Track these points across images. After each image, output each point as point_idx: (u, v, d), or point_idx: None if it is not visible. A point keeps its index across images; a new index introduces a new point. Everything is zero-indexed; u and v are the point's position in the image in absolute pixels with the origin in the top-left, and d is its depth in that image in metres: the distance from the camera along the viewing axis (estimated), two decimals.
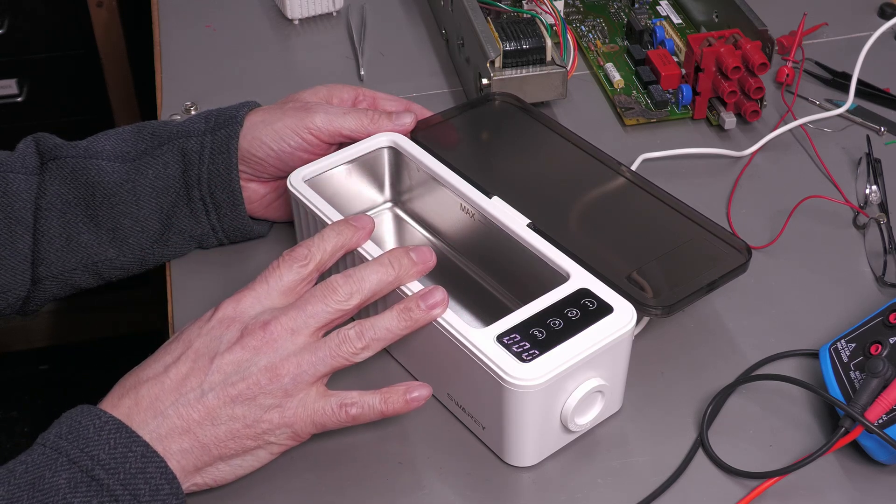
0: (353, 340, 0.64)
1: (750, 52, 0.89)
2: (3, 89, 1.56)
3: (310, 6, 1.06)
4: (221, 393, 0.61)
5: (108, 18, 1.52)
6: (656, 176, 0.80)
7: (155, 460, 0.59)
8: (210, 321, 0.64)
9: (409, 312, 0.65)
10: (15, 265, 0.75)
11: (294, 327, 0.63)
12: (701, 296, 0.70)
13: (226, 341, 0.63)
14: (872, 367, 0.65)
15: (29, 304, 0.78)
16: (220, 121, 0.78)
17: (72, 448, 0.59)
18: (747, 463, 0.66)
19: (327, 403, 0.63)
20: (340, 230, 0.68)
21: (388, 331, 0.64)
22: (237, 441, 0.62)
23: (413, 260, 0.67)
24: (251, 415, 0.62)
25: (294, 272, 0.66)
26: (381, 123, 0.79)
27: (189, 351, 0.63)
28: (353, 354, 0.64)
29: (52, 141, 0.78)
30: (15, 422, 1.74)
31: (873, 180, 0.84)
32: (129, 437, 0.59)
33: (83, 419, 0.60)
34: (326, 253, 0.67)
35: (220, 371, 0.62)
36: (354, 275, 0.65)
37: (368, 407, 0.64)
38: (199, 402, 0.61)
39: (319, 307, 0.64)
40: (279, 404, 0.62)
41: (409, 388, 0.64)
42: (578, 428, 0.66)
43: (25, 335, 1.81)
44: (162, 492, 0.59)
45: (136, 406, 0.61)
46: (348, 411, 0.63)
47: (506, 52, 0.89)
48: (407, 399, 0.64)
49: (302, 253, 0.66)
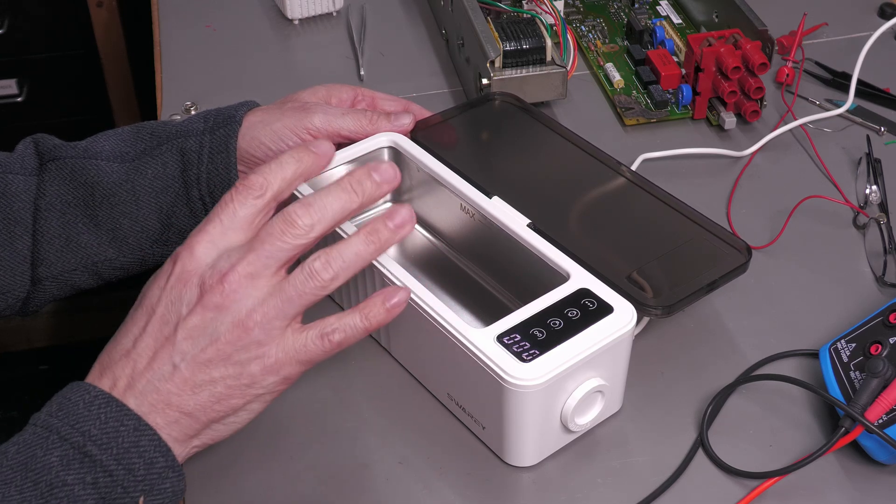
0: (320, 272, 0.60)
1: (750, 52, 0.89)
2: (3, 89, 1.56)
3: (310, 6, 1.06)
4: (193, 361, 0.59)
5: (108, 18, 1.52)
6: (656, 176, 0.80)
7: (147, 433, 0.58)
8: (169, 279, 0.61)
9: (376, 234, 0.62)
10: (14, 266, 0.75)
11: (252, 272, 0.59)
12: (701, 296, 0.70)
13: (186, 303, 0.60)
14: (872, 367, 0.65)
15: (29, 305, 0.78)
16: (218, 120, 0.78)
17: (62, 425, 0.57)
18: (747, 463, 0.66)
19: (307, 338, 0.60)
20: (300, 157, 0.64)
21: (357, 255, 0.61)
22: (223, 403, 0.60)
23: (376, 181, 0.63)
24: (230, 374, 0.59)
25: (249, 205, 0.61)
26: (380, 124, 0.78)
27: (153, 319, 0.60)
28: (322, 287, 0.60)
29: (51, 142, 0.78)
30: (15, 422, 1.74)
31: (873, 180, 0.84)
32: (120, 410, 0.58)
33: (73, 395, 0.59)
34: (285, 181, 0.63)
35: (187, 338, 0.59)
36: (315, 203, 0.61)
37: (351, 328, 0.61)
38: (174, 375, 0.59)
39: (277, 244, 0.60)
40: (256, 356, 0.60)
41: (385, 295, 0.61)
42: (578, 428, 0.66)
43: (25, 335, 1.81)
44: (157, 465, 0.58)
45: (114, 386, 0.59)
46: (331, 339, 0.60)
47: (506, 52, 0.89)
48: (388, 307, 0.61)
49: (257, 182, 0.62)
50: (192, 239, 0.62)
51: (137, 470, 0.58)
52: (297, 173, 0.64)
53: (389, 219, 0.62)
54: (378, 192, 0.63)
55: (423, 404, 0.70)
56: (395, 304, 0.61)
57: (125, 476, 0.57)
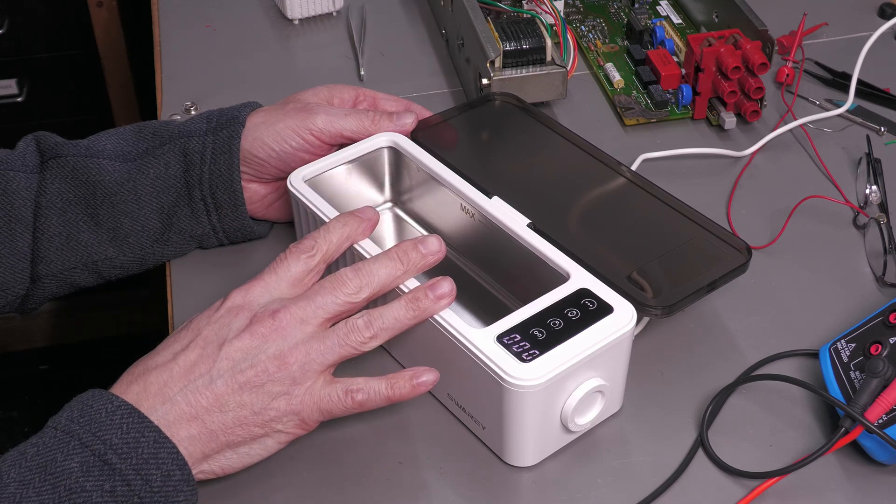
0: (362, 330, 0.64)
1: (750, 52, 0.89)
2: (3, 89, 1.56)
3: (310, 6, 1.06)
4: (230, 380, 0.61)
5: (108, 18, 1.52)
6: (656, 176, 0.80)
7: (167, 446, 0.59)
8: (219, 310, 0.64)
9: (417, 302, 0.65)
10: (14, 263, 0.75)
11: (303, 317, 0.63)
12: (701, 296, 0.70)
13: (235, 329, 0.63)
14: (872, 367, 0.65)
15: (28, 303, 0.78)
16: (221, 121, 0.78)
17: (84, 432, 0.59)
18: (747, 463, 0.66)
19: (333, 390, 0.63)
20: (346, 221, 0.69)
21: (396, 320, 0.65)
22: (245, 428, 0.62)
23: (422, 253, 0.67)
24: (259, 402, 0.62)
25: (302, 263, 0.66)
26: (382, 124, 0.79)
27: (198, 339, 0.63)
28: (362, 343, 0.64)
29: (52, 139, 0.78)
30: (15, 422, 1.74)
31: (873, 180, 0.84)
32: (142, 422, 0.59)
33: (95, 403, 0.60)
34: (332, 244, 0.68)
35: (228, 358, 0.62)
36: (364, 268, 0.66)
37: (374, 392, 0.64)
38: (208, 389, 0.61)
39: (329, 298, 0.64)
40: (286, 392, 0.62)
41: (415, 373, 0.64)
42: (578, 428, 0.66)
43: (25, 335, 1.81)
44: (173, 478, 0.59)
45: (144, 392, 0.61)
46: (354, 397, 0.63)
47: (506, 52, 0.89)
48: (414, 384, 0.64)
49: (309, 244, 0.67)
50: (248, 283, 0.66)
51: (154, 481, 0.59)
52: (344, 237, 0.68)
53: (431, 290, 0.65)
54: (423, 262, 0.67)
55: (423, 404, 0.70)
56: (422, 384, 0.64)
57: (142, 487, 0.58)
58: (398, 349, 0.72)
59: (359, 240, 0.69)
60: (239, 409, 0.62)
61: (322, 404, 0.63)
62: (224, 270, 0.80)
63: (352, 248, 0.69)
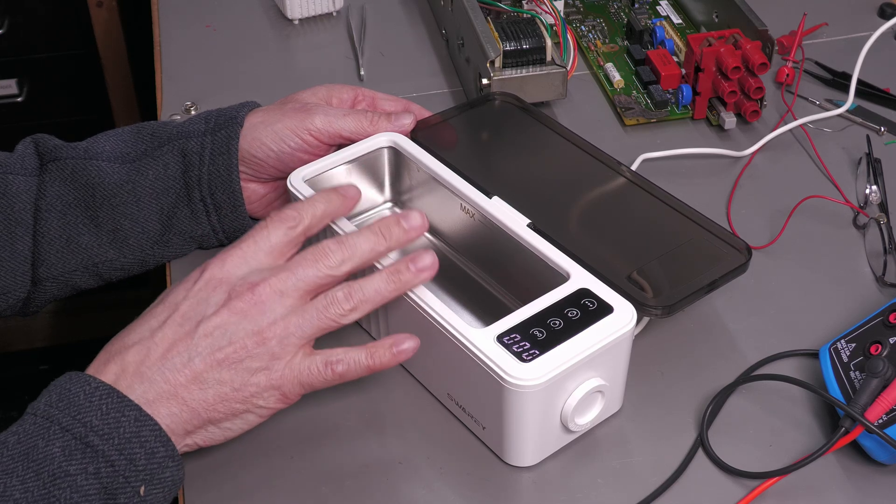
0: (342, 302, 0.63)
1: (750, 52, 0.89)
2: (3, 89, 1.56)
3: (310, 6, 1.06)
4: (208, 357, 0.61)
5: (108, 18, 1.52)
6: (656, 176, 0.80)
7: (149, 424, 0.59)
8: (196, 283, 0.64)
9: (398, 274, 0.65)
10: (15, 266, 0.75)
11: (283, 289, 0.63)
12: (701, 296, 0.70)
13: (212, 304, 0.62)
14: (872, 367, 0.65)
15: (29, 306, 0.78)
16: (220, 122, 0.78)
17: (63, 416, 0.58)
18: (747, 463, 0.66)
19: (313, 362, 0.63)
20: (329, 198, 0.68)
21: (376, 292, 0.64)
22: (225, 404, 0.62)
23: (404, 228, 0.67)
24: (238, 378, 0.62)
25: (282, 233, 0.65)
26: (381, 124, 0.79)
27: (175, 314, 0.62)
28: (342, 316, 0.63)
29: (51, 142, 0.78)
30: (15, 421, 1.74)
31: (873, 180, 0.84)
32: (121, 401, 0.59)
33: (72, 386, 0.60)
34: (315, 218, 0.67)
35: (206, 335, 0.61)
36: (347, 241, 0.65)
37: (354, 363, 0.63)
38: (186, 367, 0.61)
39: (310, 271, 0.63)
40: (266, 367, 0.62)
41: (395, 340, 0.64)
42: (578, 428, 0.66)
43: (25, 335, 1.81)
44: (157, 454, 0.59)
45: (122, 372, 0.61)
46: (334, 369, 0.63)
47: (506, 52, 0.89)
48: (394, 352, 0.64)
49: (291, 214, 0.66)
50: (224, 253, 0.65)
51: (138, 460, 0.59)
52: (327, 212, 0.68)
53: (412, 262, 0.65)
54: (405, 237, 0.67)
55: (423, 404, 0.70)
56: (402, 351, 0.64)
57: (126, 466, 0.58)
58: None
59: (340, 216, 0.69)
60: (218, 386, 0.61)
61: (302, 377, 0.63)
62: None
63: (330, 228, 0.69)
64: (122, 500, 0.58)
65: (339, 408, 0.70)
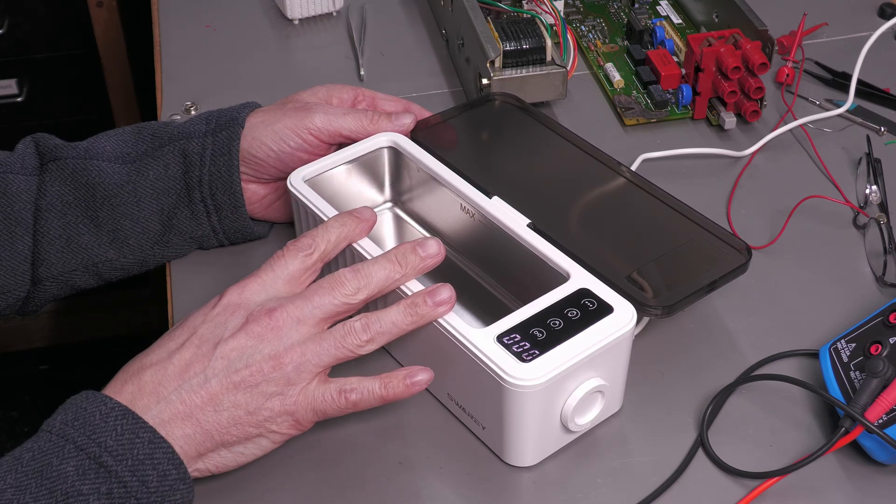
0: (359, 333, 0.63)
1: (750, 52, 0.89)
2: (3, 89, 1.56)
3: (310, 6, 1.06)
4: (225, 379, 0.61)
5: (108, 18, 1.52)
6: (656, 176, 0.80)
7: (162, 446, 0.59)
8: (215, 308, 0.64)
9: (415, 308, 0.65)
10: (15, 266, 0.75)
11: (300, 316, 0.63)
12: (701, 296, 0.70)
13: (230, 327, 0.63)
14: (872, 367, 0.65)
15: (29, 305, 0.78)
16: (220, 122, 0.78)
17: (78, 435, 0.59)
18: (747, 463, 0.66)
19: (327, 390, 0.63)
20: (344, 221, 0.69)
21: (393, 325, 0.64)
22: (239, 428, 0.62)
23: (420, 256, 0.67)
24: (253, 402, 0.62)
25: (299, 261, 0.66)
26: (381, 124, 0.79)
27: (193, 337, 0.63)
28: (358, 347, 0.64)
29: (51, 142, 0.78)
30: (15, 422, 1.74)
31: (873, 180, 0.84)
32: (136, 423, 0.59)
33: (88, 405, 0.60)
34: (330, 244, 0.67)
35: (223, 357, 0.62)
36: (362, 270, 0.65)
37: (368, 392, 0.64)
38: (203, 388, 0.61)
39: (326, 299, 0.64)
40: (281, 392, 0.62)
41: (409, 372, 0.64)
42: (578, 428, 0.66)
43: (25, 335, 1.81)
44: (169, 477, 0.59)
45: (139, 391, 0.61)
46: (348, 397, 0.63)
47: (506, 52, 0.89)
48: (408, 384, 0.64)
49: (307, 242, 0.67)
50: (244, 280, 0.65)
51: (151, 482, 0.59)
52: (342, 237, 0.68)
53: (430, 296, 0.65)
54: (422, 265, 0.67)
55: (423, 404, 0.70)
56: (415, 383, 0.64)
57: (139, 488, 0.58)
58: (398, 349, 0.72)
59: (356, 240, 0.69)
60: (233, 409, 0.62)
61: (316, 405, 0.63)
62: (224, 271, 0.80)
63: (351, 248, 0.69)
64: None
65: None
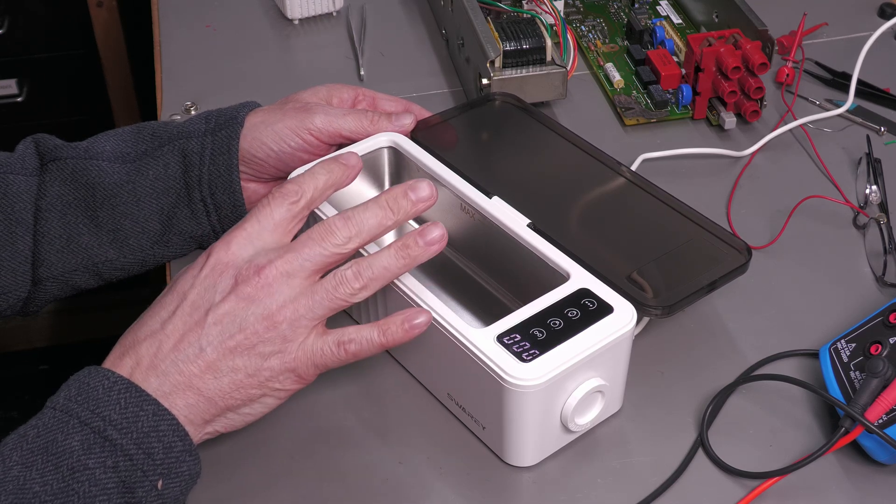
0: (351, 281, 0.63)
1: (750, 52, 0.89)
2: (3, 89, 1.56)
3: (310, 6, 1.06)
4: (220, 346, 0.61)
5: (108, 18, 1.52)
6: (656, 176, 0.80)
7: (167, 418, 0.59)
8: (202, 269, 0.63)
9: (406, 249, 0.64)
10: (15, 266, 0.75)
11: (289, 270, 0.62)
12: (701, 296, 0.70)
13: (220, 291, 0.62)
14: (872, 367, 0.65)
15: (29, 305, 0.78)
16: (220, 122, 0.78)
17: (82, 410, 0.59)
18: (747, 463, 0.66)
19: (325, 343, 0.63)
20: (330, 168, 0.67)
21: (386, 269, 0.63)
22: (241, 391, 0.62)
23: (412, 200, 0.66)
24: (252, 364, 0.61)
25: (285, 209, 0.64)
26: (381, 124, 0.79)
27: (184, 304, 0.62)
28: (351, 295, 0.63)
29: (51, 142, 0.78)
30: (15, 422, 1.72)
31: (873, 180, 0.84)
32: (139, 395, 0.59)
33: (91, 380, 0.60)
34: (318, 190, 0.66)
35: (216, 323, 0.61)
36: (353, 217, 0.64)
37: (367, 341, 0.63)
38: (199, 358, 0.61)
39: (316, 250, 0.63)
40: (279, 350, 0.62)
41: (407, 316, 0.63)
42: (578, 428, 0.66)
43: (25, 335, 1.81)
44: (175, 448, 0.59)
45: (137, 366, 0.61)
46: (347, 348, 0.63)
47: (506, 52, 0.89)
48: (406, 328, 0.63)
49: (293, 189, 0.65)
50: (229, 235, 0.64)
51: (156, 454, 0.59)
52: (329, 183, 0.66)
53: (421, 236, 0.64)
54: (414, 209, 0.65)
55: (423, 404, 0.70)
56: (415, 326, 0.63)
57: (145, 460, 0.58)
58: (399, 350, 0.72)
59: (342, 186, 0.68)
60: (233, 374, 0.61)
61: (316, 358, 0.63)
62: None
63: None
64: (140, 494, 0.58)
65: (340, 408, 0.70)
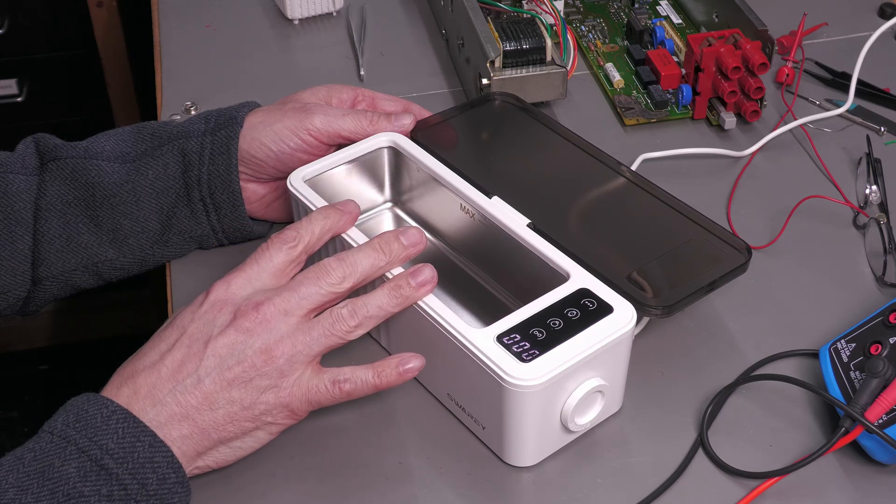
0: (346, 319, 0.64)
1: (750, 52, 0.89)
2: (3, 89, 1.56)
3: (310, 6, 1.06)
4: (218, 378, 0.62)
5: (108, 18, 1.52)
6: (656, 176, 0.80)
7: (162, 450, 0.60)
8: (202, 305, 0.64)
9: (399, 290, 0.66)
10: (15, 266, 0.75)
11: (287, 308, 0.63)
12: (701, 296, 0.70)
13: (219, 325, 0.63)
14: (872, 367, 0.65)
15: (29, 305, 0.78)
16: (219, 122, 0.78)
17: (80, 437, 0.59)
18: (747, 463, 0.66)
19: (321, 381, 0.64)
20: (327, 214, 0.69)
21: (379, 308, 0.65)
22: (236, 424, 0.63)
23: (403, 245, 0.68)
24: (248, 397, 0.62)
25: (284, 253, 0.66)
26: (380, 124, 0.79)
27: (183, 337, 0.63)
28: (347, 333, 0.64)
29: (52, 141, 0.78)
30: (15, 422, 1.74)
31: (873, 180, 0.84)
32: (137, 426, 0.60)
33: (90, 408, 0.60)
34: (314, 236, 0.68)
35: (215, 355, 0.62)
36: (347, 258, 0.66)
37: (361, 382, 0.64)
38: (197, 388, 0.62)
39: (312, 289, 0.64)
40: (275, 385, 0.63)
41: (401, 360, 0.65)
42: (578, 428, 0.66)
43: (25, 335, 1.81)
44: (168, 480, 0.60)
45: (134, 395, 0.61)
46: (342, 387, 0.64)
47: (506, 52, 0.89)
48: (400, 371, 0.65)
49: (291, 235, 0.67)
50: (229, 275, 0.66)
51: (150, 485, 0.59)
52: (325, 229, 0.69)
53: (413, 277, 0.66)
54: (405, 253, 0.68)
55: (423, 404, 0.70)
56: (408, 370, 0.65)
57: (139, 490, 0.59)
58: (397, 348, 0.72)
59: (340, 232, 0.70)
60: (228, 406, 0.62)
61: (310, 395, 0.64)
62: (224, 271, 0.79)
63: (340, 238, 0.70)
64: None
65: (339, 408, 0.70)
